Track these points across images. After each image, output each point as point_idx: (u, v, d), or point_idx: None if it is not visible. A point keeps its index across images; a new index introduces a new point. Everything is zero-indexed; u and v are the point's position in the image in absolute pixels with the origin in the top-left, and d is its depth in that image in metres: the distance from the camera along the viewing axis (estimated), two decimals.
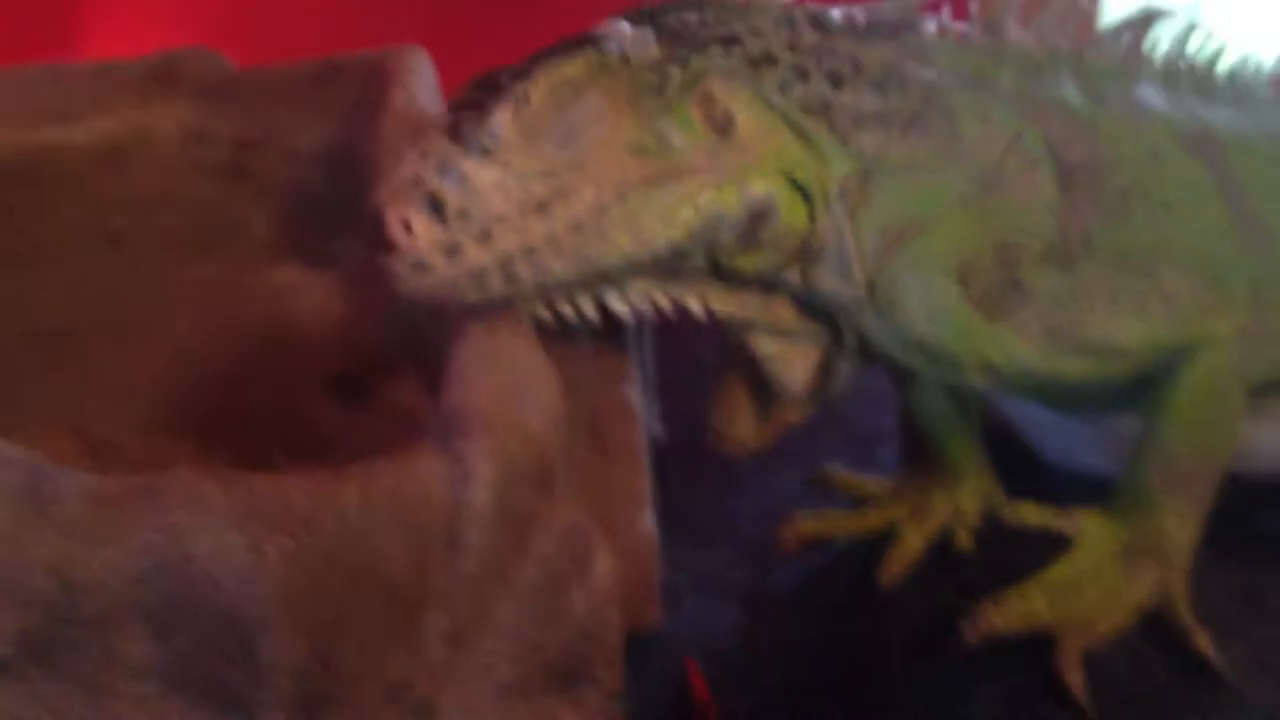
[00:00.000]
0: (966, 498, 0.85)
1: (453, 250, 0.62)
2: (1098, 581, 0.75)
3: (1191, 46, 0.85)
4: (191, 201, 1.08)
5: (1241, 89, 0.86)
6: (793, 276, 0.70)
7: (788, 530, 0.83)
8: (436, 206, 0.62)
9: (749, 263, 0.69)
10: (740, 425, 0.77)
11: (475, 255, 0.62)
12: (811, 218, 0.68)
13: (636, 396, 0.75)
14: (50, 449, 0.85)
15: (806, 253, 0.69)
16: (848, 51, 0.72)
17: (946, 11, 0.77)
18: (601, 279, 0.66)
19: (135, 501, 0.51)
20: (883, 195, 0.70)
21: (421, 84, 0.98)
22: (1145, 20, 0.82)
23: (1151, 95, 0.80)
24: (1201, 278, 0.73)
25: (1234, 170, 0.79)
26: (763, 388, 0.77)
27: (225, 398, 0.91)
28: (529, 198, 0.63)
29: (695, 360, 0.98)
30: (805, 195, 0.68)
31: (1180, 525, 0.75)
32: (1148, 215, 0.75)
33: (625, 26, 0.66)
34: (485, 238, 0.62)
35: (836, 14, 0.73)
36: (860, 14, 0.73)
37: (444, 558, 0.56)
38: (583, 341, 0.73)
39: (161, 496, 0.51)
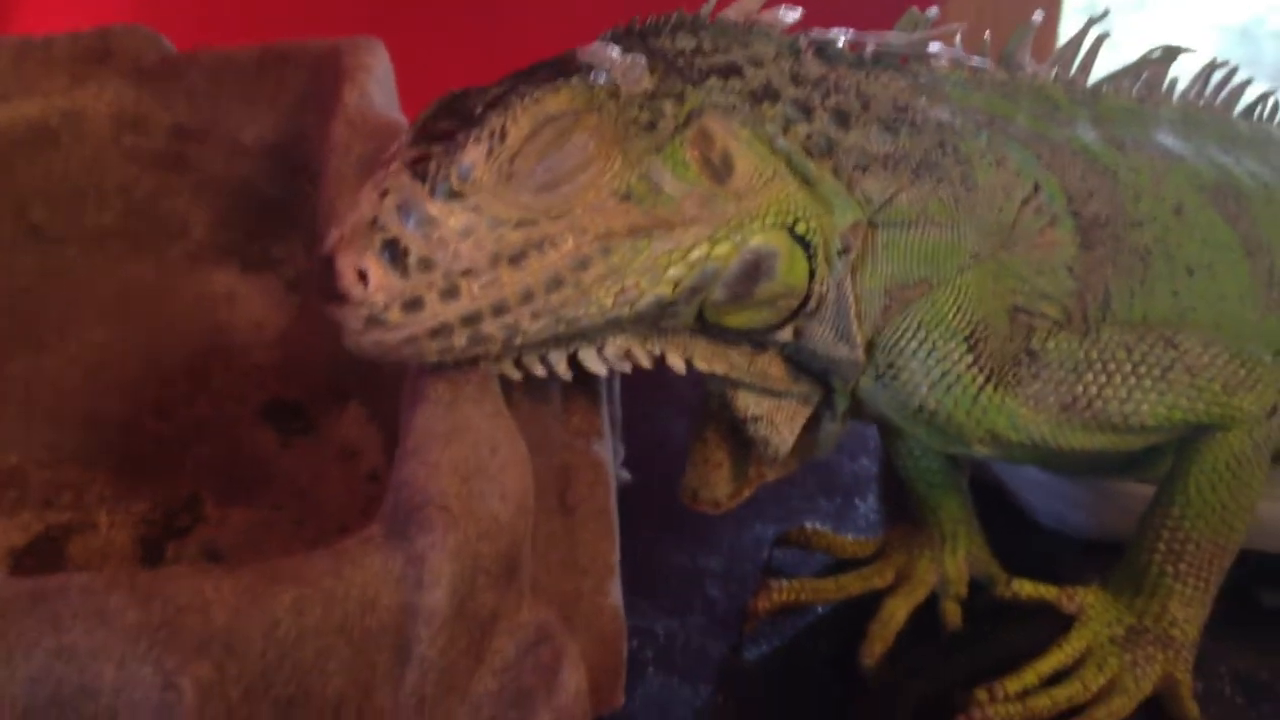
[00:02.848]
0: (954, 563, 0.78)
1: (413, 304, 0.55)
2: (1099, 669, 0.69)
3: (1210, 85, 0.79)
4: (123, 194, 1.00)
5: (1262, 133, 0.80)
6: (785, 334, 0.63)
7: (762, 601, 0.76)
8: (396, 254, 0.54)
9: (740, 319, 0.62)
10: (716, 486, 0.71)
11: (439, 311, 0.55)
12: (811, 273, 0.61)
13: (608, 454, 0.68)
14: None
15: (803, 310, 0.62)
16: (855, 85, 0.64)
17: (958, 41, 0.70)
18: (578, 336, 0.59)
19: (26, 614, 0.43)
20: (889, 250, 0.63)
21: (377, 82, 0.90)
22: (1165, 57, 0.76)
23: (1172, 141, 0.73)
24: (1227, 350, 0.66)
25: (1260, 227, 0.73)
26: (742, 445, 0.70)
27: (150, 421, 0.82)
28: (502, 248, 0.55)
29: (665, 391, 0.92)
30: (806, 248, 0.61)
31: (1188, 611, 0.70)
32: (1170, 278, 0.69)
33: (614, 52, 0.58)
34: (451, 292, 0.55)
35: (842, 42, 0.66)
36: (868, 42, 0.66)
37: (391, 673, 0.48)
38: (551, 394, 0.66)
39: (58, 607, 0.43)
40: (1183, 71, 0.77)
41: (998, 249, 0.65)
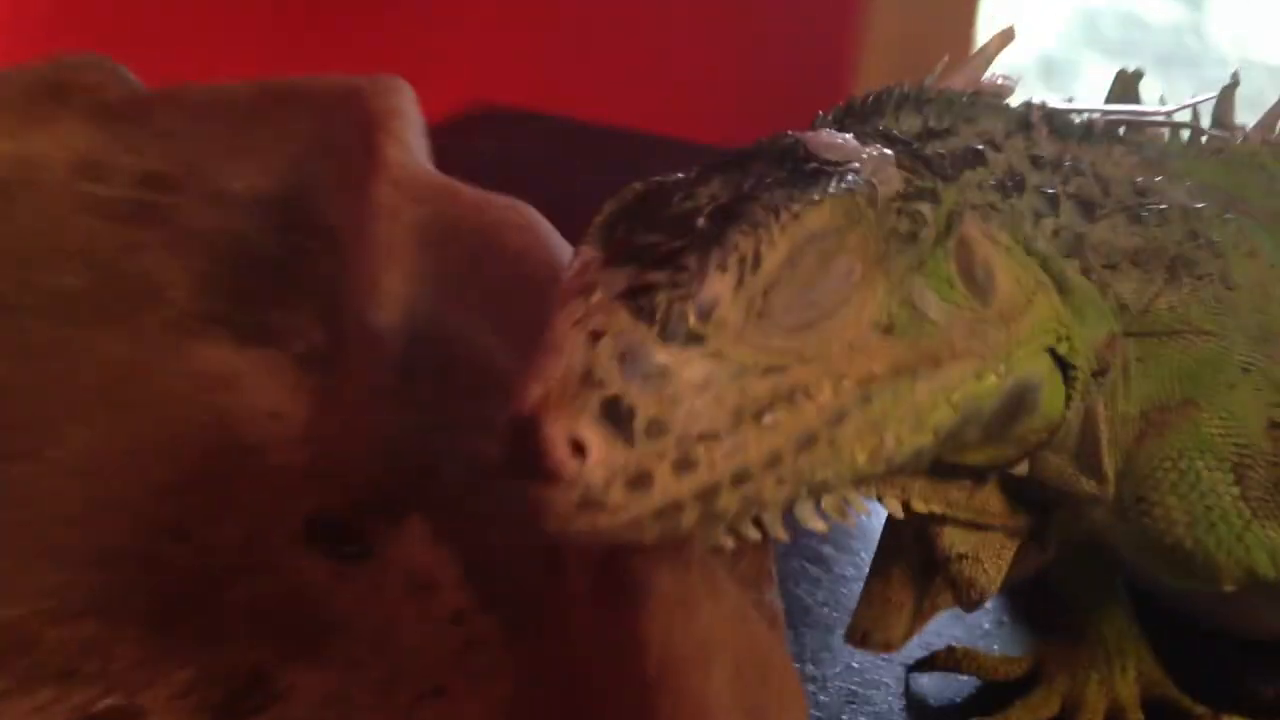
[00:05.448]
0: (1127, 686, 0.69)
1: (639, 480, 0.42)
2: None
3: None
4: (87, 253, 0.85)
5: None
6: (1021, 468, 0.53)
7: None
8: (619, 416, 0.42)
9: (980, 457, 0.51)
10: (894, 627, 0.60)
11: (670, 487, 0.43)
12: (1067, 400, 0.51)
13: (779, 604, 0.57)
14: None
15: (1049, 442, 0.52)
16: (1092, 165, 0.54)
17: None
18: (809, 496, 0.47)
19: None
20: (1146, 366, 0.53)
21: (414, 132, 0.77)
22: None
23: None
24: None
25: None
26: (928, 581, 0.59)
27: (171, 548, 0.68)
28: (746, 402, 0.43)
29: None
30: (1065, 372, 0.50)
31: None
32: None
33: (855, 144, 0.47)
34: (686, 462, 0.43)
35: (1067, 110, 0.55)
36: (1094, 110, 0.56)
37: None
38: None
39: None
40: None
41: (1262, 357, 0.55)
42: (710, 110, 1.83)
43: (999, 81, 0.54)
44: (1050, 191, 0.52)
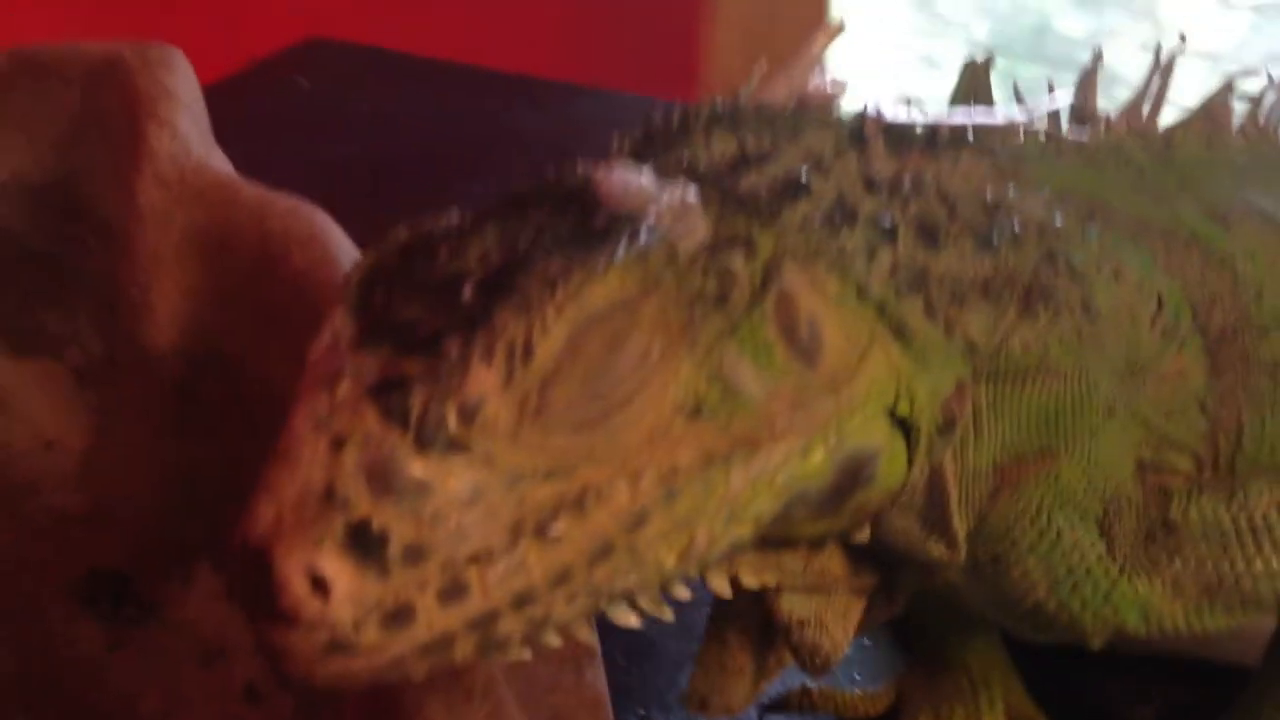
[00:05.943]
0: (995, 718, 0.64)
1: (399, 615, 0.35)
2: None
3: (1265, 112, 0.64)
4: None
5: None
6: (861, 535, 0.46)
7: None
8: (369, 543, 0.35)
9: (813, 531, 0.45)
10: (734, 692, 0.54)
11: (436, 619, 0.36)
12: (910, 461, 0.44)
13: (603, 681, 0.50)
14: None
15: (889, 507, 0.45)
16: (935, 180, 0.47)
17: None
18: (616, 601, 0.40)
19: None
20: (999, 413, 0.47)
21: (188, 114, 0.68)
22: (1229, 89, 0.61)
23: (1266, 201, 0.58)
24: None
25: None
26: (768, 642, 0.53)
27: None
28: (526, 513, 0.36)
29: None
30: (908, 434, 0.44)
31: None
32: None
33: (651, 186, 0.39)
34: (454, 590, 0.36)
35: (907, 116, 0.48)
36: (934, 114, 0.49)
37: None
38: None
39: None
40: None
41: (1129, 394, 0.49)
42: (545, 45, 1.73)
43: (827, 88, 0.46)
44: (886, 220, 0.44)
